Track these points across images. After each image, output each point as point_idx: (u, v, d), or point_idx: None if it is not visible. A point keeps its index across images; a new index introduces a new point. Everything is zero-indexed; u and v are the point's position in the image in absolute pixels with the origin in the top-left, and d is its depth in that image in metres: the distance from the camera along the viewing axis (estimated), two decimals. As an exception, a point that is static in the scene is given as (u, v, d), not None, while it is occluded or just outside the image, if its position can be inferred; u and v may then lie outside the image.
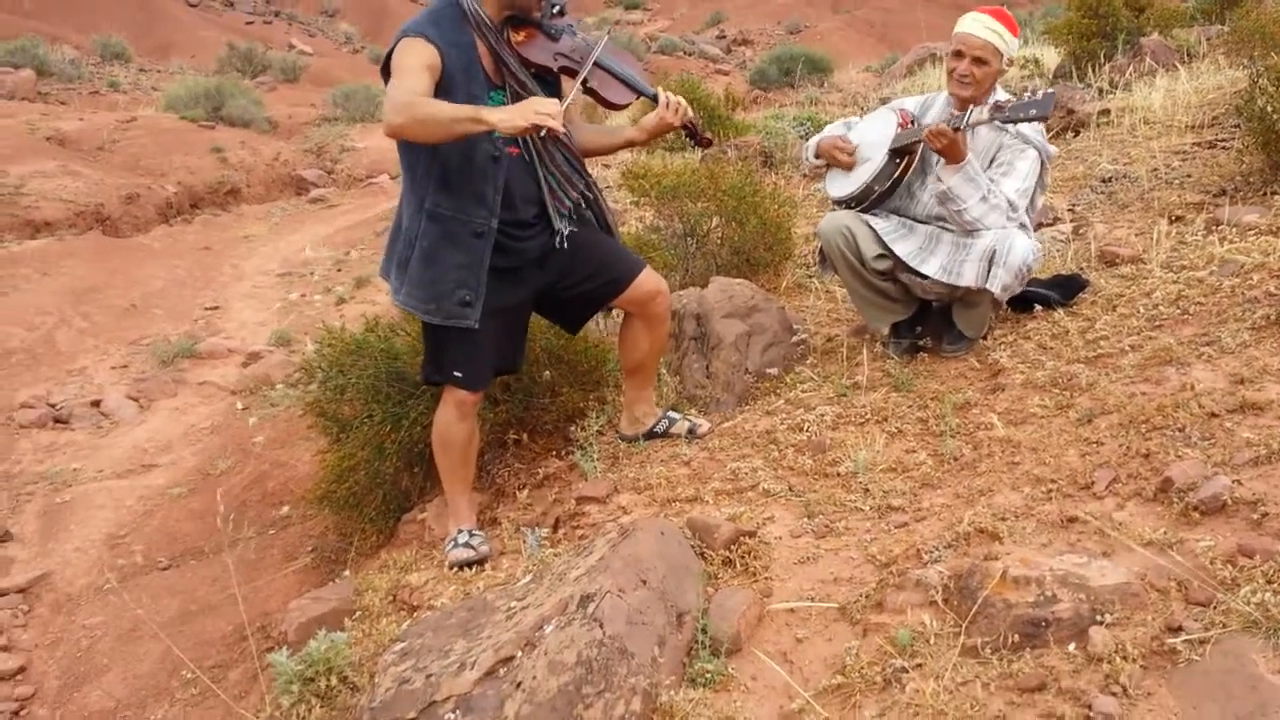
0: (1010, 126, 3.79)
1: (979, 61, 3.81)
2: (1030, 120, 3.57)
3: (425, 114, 2.98)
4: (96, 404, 7.13)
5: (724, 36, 43.43)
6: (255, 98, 18.66)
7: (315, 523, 4.92)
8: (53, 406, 7.05)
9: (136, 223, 12.42)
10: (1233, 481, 2.60)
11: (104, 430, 6.82)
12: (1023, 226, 3.90)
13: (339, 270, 10.48)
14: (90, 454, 6.43)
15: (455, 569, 3.43)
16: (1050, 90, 3.51)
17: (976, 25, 3.80)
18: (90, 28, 26.60)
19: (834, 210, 4.18)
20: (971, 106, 3.74)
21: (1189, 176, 5.58)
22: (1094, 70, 9.14)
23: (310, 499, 4.65)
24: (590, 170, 3.64)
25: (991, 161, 3.91)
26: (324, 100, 20.63)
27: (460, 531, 3.55)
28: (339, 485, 4.26)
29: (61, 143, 13.93)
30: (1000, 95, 3.82)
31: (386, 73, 3.19)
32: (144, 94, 20.81)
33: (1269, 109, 4.89)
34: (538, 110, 2.96)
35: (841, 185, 4.14)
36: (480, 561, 3.44)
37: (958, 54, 3.86)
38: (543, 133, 3.02)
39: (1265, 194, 4.86)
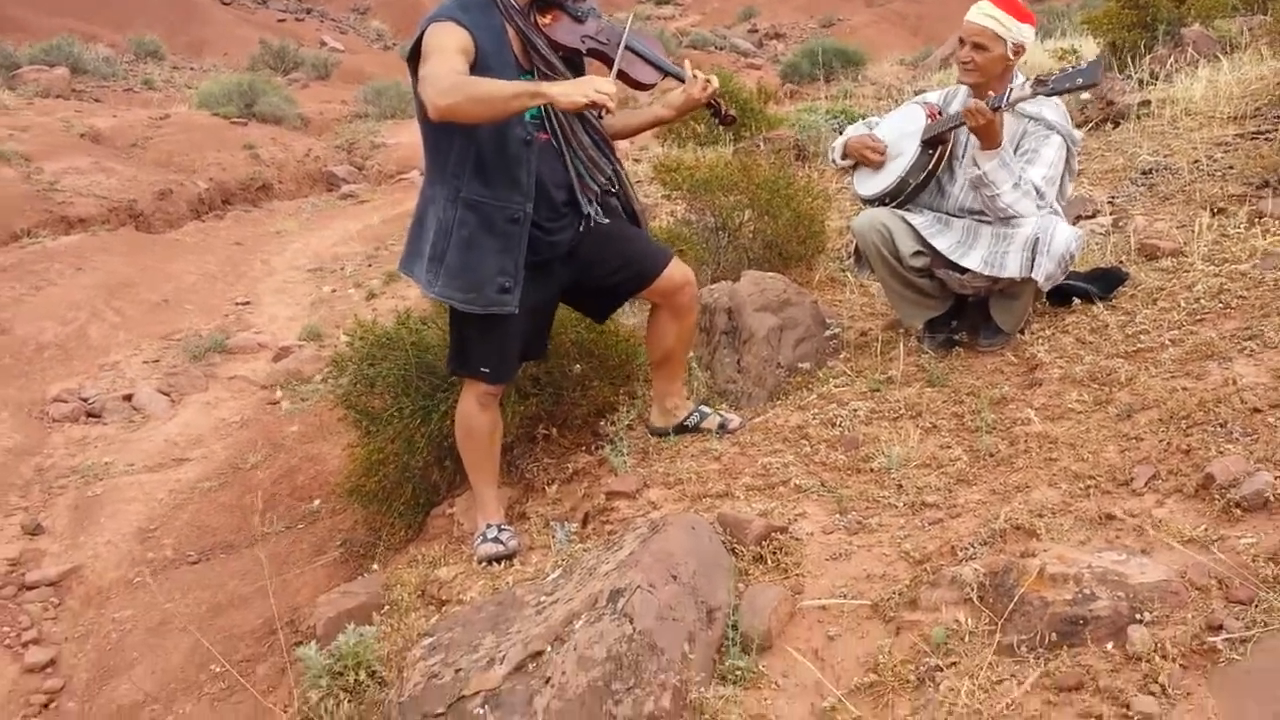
0: (1033, 111, 3.77)
1: (978, 47, 3.80)
2: (1077, 90, 3.55)
3: (480, 93, 2.92)
4: (128, 398, 7.17)
5: (756, 31, 43.26)
6: (287, 95, 18.75)
7: (344, 516, 4.91)
8: (85, 401, 7.09)
9: (169, 218, 12.50)
10: (1275, 478, 2.54)
11: (135, 424, 6.85)
12: (1055, 214, 3.85)
13: (370, 265, 10.49)
14: (121, 448, 6.47)
15: (484, 564, 3.40)
16: (1095, 58, 3.46)
17: (975, 12, 3.82)
18: (125, 26, 26.74)
19: (866, 208, 4.14)
20: (1010, 86, 3.69)
21: (1231, 168, 5.47)
22: (1134, 61, 8.99)
23: (340, 493, 4.65)
24: (621, 162, 3.61)
25: (1016, 149, 3.85)
26: (355, 97, 20.68)
27: (489, 526, 3.52)
28: (368, 479, 4.25)
29: (96, 140, 14.04)
30: (1019, 81, 3.75)
31: (414, 60, 3.15)
32: (177, 91, 20.94)
33: (1313, 99, 4.79)
34: (598, 89, 2.91)
35: (873, 183, 4.10)
36: (509, 556, 3.41)
37: (960, 41, 3.88)
38: (600, 112, 2.99)
39: (1309, 186, 4.76)
